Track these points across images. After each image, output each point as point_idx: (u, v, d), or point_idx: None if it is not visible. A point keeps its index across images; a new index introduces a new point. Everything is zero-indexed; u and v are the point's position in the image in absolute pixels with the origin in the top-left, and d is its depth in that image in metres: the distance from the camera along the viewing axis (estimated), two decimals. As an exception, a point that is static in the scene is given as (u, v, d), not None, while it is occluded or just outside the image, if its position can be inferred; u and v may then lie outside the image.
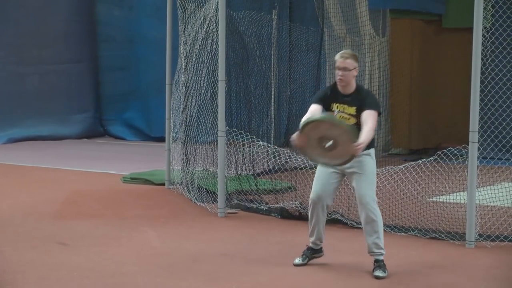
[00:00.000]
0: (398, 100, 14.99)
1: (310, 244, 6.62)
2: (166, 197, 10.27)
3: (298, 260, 6.60)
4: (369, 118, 6.15)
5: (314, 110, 6.31)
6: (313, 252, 6.62)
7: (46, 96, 18.51)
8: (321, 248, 6.64)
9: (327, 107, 6.37)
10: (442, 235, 7.73)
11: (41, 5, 18.37)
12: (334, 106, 6.35)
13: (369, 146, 6.29)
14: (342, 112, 6.31)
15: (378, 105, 6.33)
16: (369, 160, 6.35)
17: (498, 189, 8.48)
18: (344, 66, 6.26)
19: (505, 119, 9.49)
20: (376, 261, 6.34)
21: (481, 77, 7.52)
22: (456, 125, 14.83)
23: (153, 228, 8.23)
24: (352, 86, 6.34)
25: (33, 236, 7.74)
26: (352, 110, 6.28)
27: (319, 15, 13.15)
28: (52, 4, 18.67)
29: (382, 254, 6.34)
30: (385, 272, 6.28)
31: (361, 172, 6.30)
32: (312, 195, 6.48)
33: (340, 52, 6.39)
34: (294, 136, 6.03)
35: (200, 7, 10.11)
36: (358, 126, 6.20)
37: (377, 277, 6.24)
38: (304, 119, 6.08)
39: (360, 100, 6.26)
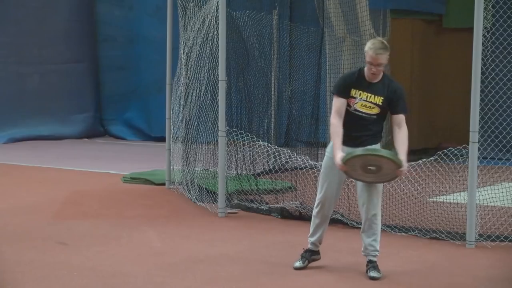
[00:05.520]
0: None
1: (309, 246, 6.61)
2: (166, 197, 10.27)
3: (298, 264, 6.54)
4: (402, 123, 6.10)
5: (341, 106, 6.15)
6: (312, 254, 6.60)
7: (46, 96, 18.53)
8: (319, 250, 6.62)
9: (348, 93, 6.17)
10: (443, 235, 7.73)
11: (41, 5, 18.39)
12: (357, 93, 6.15)
13: (374, 143, 6.20)
14: (365, 100, 6.12)
15: (407, 106, 6.22)
16: None
17: (498, 189, 8.48)
18: (379, 63, 6.07)
19: (505, 119, 9.48)
20: (370, 261, 6.32)
21: (481, 77, 7.52)
22: (456, 125, 14.82)
23: (153, 228, 8.23)
24: (381, 74, 6.19)
25: (33, 236, 7.74)
26: (379, 100, 6.12)
27: (320, 15, 13.14)
28: (52, 4, 18.68)
29: (376, 255, 6.33)
30: (380, 272, 6.27)
31: None
32: (323, 191, 6.34)
33: (373, 46, 6.06)
34: (338, 163, 5.98)
35: (201, 7, 10.11)
36: (380, 116, 6.14)
37: (373, 278, 6.22)
38: (343, 153, 5.97)
39: (391, 92, 6.13)
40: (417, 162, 8.35)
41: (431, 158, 8.13)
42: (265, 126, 12.72)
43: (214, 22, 9.39)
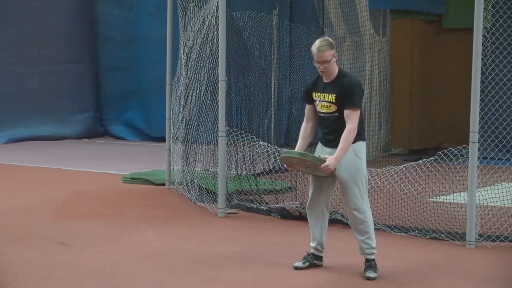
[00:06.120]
0: (398, 100, 15.00)
1: (312, 250, 6.61)
2: (166, 197, 10.27)
3: (298, 264, 6.55)
4: (349, 119, 6.11)
5: (308, 111, 6.51)
6: (314, 258, 6.59)
7: (46, 96, 18.52)
8: (322, 256, 6.62)
9: (310, 99, 6.41)
10: (443, 235, 7.73)
11: (41, 5, 18.38)
12: (316, 96, 6.34)
13: (354, 141, 6.19)
14: (322, 101, 6.27)
15: (358, 101, 6.16)
16: (353, 158, 6.19)
17: (498, 189, 8.48)
18: (324, 60, 6.18)
19: (505, 119, 9.48)
20: (367, 260, 6.32)
21: (481, 77, 7.52)
22: (456, 125, 14.85)
23: (153, 228, 8.23)
24: (334, 72, 6.27)
25: (33, 236, 7.74)
26: (332, 97, 6.21)
27: (320, 15, 13.15)
28: (52, 4, 18.68)
29: (373, 253, 6.32)
30: (376, 272, 6.25)
31: (344, 173, 6.20)
32: (310, 191, 6.48)
33: (316, 44, 6.23)
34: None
35: (201, 7, 10.11)
36: (339, 114, 6.18)
37: (369, 278, 6.21)
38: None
39: (340, 88, 6.17)
40: (417, 162, 8.36)
41: (431, 158, 8.13)
42: (265, 126, 12.72)
43: (214, 22, 9.39)
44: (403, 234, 7.93)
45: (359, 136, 6.22)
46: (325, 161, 6.05)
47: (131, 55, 19.32)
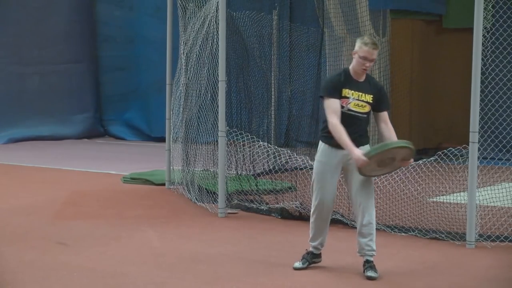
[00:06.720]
0: (398, 100, 14.99)
1: (311, 249, 6.61)
2: (166, 197, 10.27)
3: (298, 264, 6.55)
4: (387, 120, 6.29)
5: (336, 106, 6.11)
6: (313, 256, 6.59)
7: (46, 96, 18.55)
8: (320, 253, 6.63)
9: (339, 94, 6.15)
10: (443, 236, 7.73)
11: (41, 5, 18.40)
12: (349, 93, 6.15)
13: (366, 142, 6.25)
14: (357, 99, 6.16)
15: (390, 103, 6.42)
16: None
17: (498, 189, 8.48)
18: (373, 58, 6.15)
19: (505, 119, 9.48)
20: (367, 261, 6.32)
21: (481, 77, 7.52)
22: (456, 125, 14.85)
23: (153, 228, 8.23)
24: (365, 73, 6.29)
25: (33, 236, 7.74)
26: (369, 98, 6.19)
27: (320, 16, 13.15)
28: (52, 4, 18.70)
29: (373, 255, 6.33)
30: (377, 272, 6.26)
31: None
32: (319, 197, 6.35)
33: (368, 42, 6.13)
34: (361, 158, 5.92)
35: (201, 7, 10.12)
36: (369, 114, 6.26)
37: (370, 278, 6.21)
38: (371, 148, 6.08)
39: (376, 90, 6.25)
40: (417, 162, 8.35)
41: (431, 158, 8.13)
42: (265, 126, 12.72)
43: (214, 22, 9.39)
44: (403, 234, 7.93)
45: (368, 138, 6.27)
46: None
47: (131, 55, 19.34)
